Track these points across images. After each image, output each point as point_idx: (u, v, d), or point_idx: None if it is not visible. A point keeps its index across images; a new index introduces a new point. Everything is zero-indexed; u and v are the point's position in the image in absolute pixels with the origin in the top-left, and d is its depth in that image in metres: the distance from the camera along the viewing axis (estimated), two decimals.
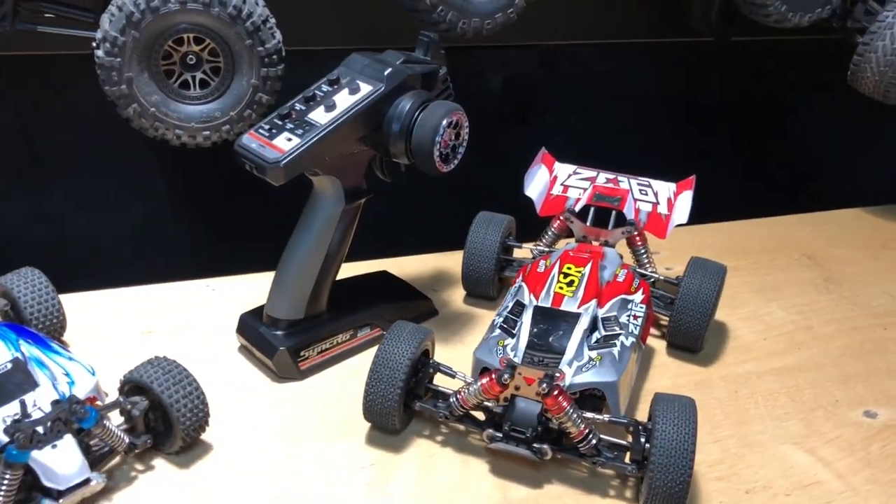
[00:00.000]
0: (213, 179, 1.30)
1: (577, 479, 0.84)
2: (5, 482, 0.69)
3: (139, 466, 0.82)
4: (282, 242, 0.98)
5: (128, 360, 0.84)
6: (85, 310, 1.04)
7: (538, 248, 1.10)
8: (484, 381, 0.82)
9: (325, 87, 0.91)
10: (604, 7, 1.56)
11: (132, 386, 0.81)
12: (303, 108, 0.89)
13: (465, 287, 1.12)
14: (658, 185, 1.12)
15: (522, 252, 1.14)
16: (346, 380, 0.96)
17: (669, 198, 1.10)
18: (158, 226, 1.34)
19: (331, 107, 0.88)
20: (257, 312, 0.98)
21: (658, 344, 1.05)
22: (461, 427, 0.89)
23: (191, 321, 1.05)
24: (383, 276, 1.13)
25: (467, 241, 1.10)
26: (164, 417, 0.81)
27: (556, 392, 0.78)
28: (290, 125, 0.87)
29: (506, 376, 0.80)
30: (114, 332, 1.02)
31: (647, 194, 1.10)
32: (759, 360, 1.04)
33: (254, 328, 0.97)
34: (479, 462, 0.85)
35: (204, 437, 0.84)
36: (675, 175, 1.12)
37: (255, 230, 1.26)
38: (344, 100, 0.88)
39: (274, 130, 0.87)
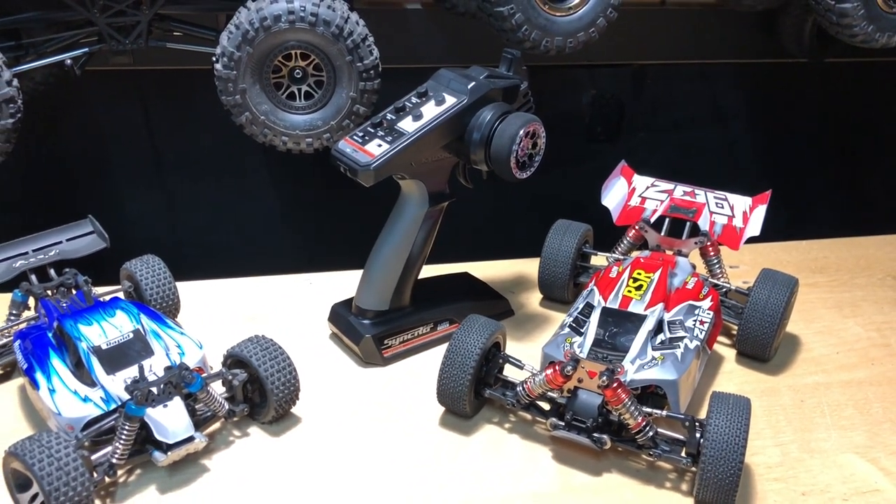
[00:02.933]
0: (316, 184, 1.42)
1: (636, 470, 0.88)
2: (125, 432, 0.80)
3: (236, 432, 0.92)
4: (370, 244, 1.07)
5: (231, 340, 0.94)
6: (197, 296, 1.16)
7: (613, 256, 1.15)
8: (549, 371, 0.88)
9: (414, 99, 0.99)
10: (697, 28, 1.59)
11: (234, 360, 0.91)
12: (393, 117, 0.98)
13: (541, 290, 1.18)
14: (734, 198, 1.15)
15: (598, 259, 1.19)
16: (424, 368, 1.03)
17: (745, 211, 1.13)
18: (265, 225, 1.46)
19: (418, 117, 0.96)
20: (347, 303, 1.07)
21: (728, 352, 1.08)
22: (528, 417, 0.95)
23: (289, 310, 1.16)
24: (464, 276, 1.20)
25: (544, 245, 1.16)
26: (260, 389, 0.91)
27: (615, 384, 0.84)
28: (380, 133, 0.96)
29: (568, 368, 0.86)
30: (221, 316, 1.13)
31: (722, 207, 1.13)
32: (828, 372, 1.05)
33: (343, 317, 1.06)
34: (543, 449, 0.91)
35: (294, 410, 0.94)
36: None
37: (351, 230, 1.36)
38: (430, 110, 0.97)
39: (366, 137, 0.96)
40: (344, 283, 1.18)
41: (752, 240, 1.10)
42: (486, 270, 1.24)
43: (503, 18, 1.09)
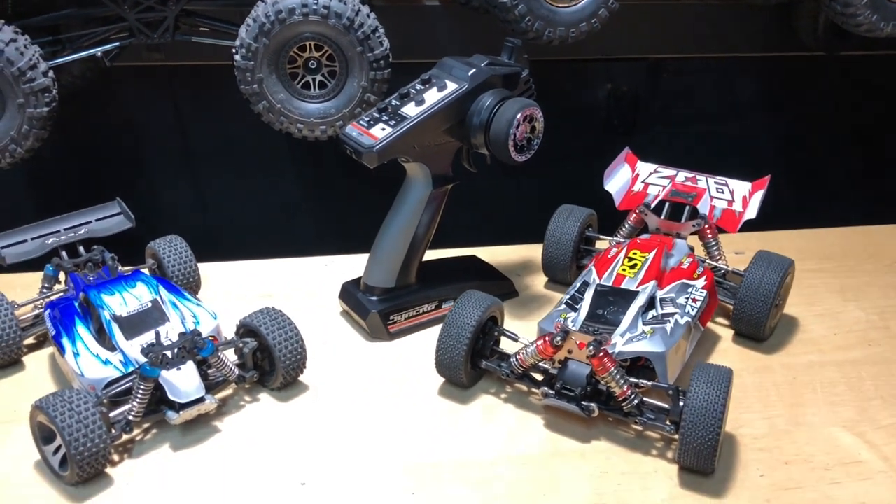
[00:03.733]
0: (333, 170, 1.48)
1: (624, 438, 0.92)
2: (140, 391, 0.87)
3: (247, 398, 0.98)
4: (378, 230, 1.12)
5: (246, 314, 1.00)
6: (217, 276, 1.22)
7: (615, 239, 1.19)
8: (539, 342, 0.92)
9: (418, 86, 1.05)
10: (711, 22, 1.62)
11: (245, 329, 0.97)
12: (398, 103, 1.03)
13: (545, 272, 1.22)
14: (735, 184, 1.17)
15: (601, 243, 1.22)
16: (429, 344, 1.07)
17: (745, 196, 1.15)
18: (284, 209, 1.52)
19: (420, 102, 1.01)
20: (356, 282, 1.13)
21: (726, 332, 1.11)
22: (523, 388, 0.99)
23: (305, 290, 1.21)
24: (471, 259, 1.25)
25: (548, 229, 1.20)
26: (269, 357, 0.96)
27: (601, 354, 0.88)
28: (385, 117, 1.02)
29: (558, 338, 0.90)
30: (239, 294, 1.20)
31: (723, 192, 1.16)
32: (824, 352, 1.07)
33: (352, 294, 1.11)
34: (535, 417, 0.95)
35: (302, 379, 0.99)
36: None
37: (367, 214, 1.41)
38: (432, 96, 1.02)
39: (372, 122, 1.02)
40: (359, 265, 1.24)
41: (760, 227, 1.12)
42: (493, 254, 1.29)
43: (507, 9, 1.14)
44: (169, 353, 0.88)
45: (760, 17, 1.64)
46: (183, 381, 0.88)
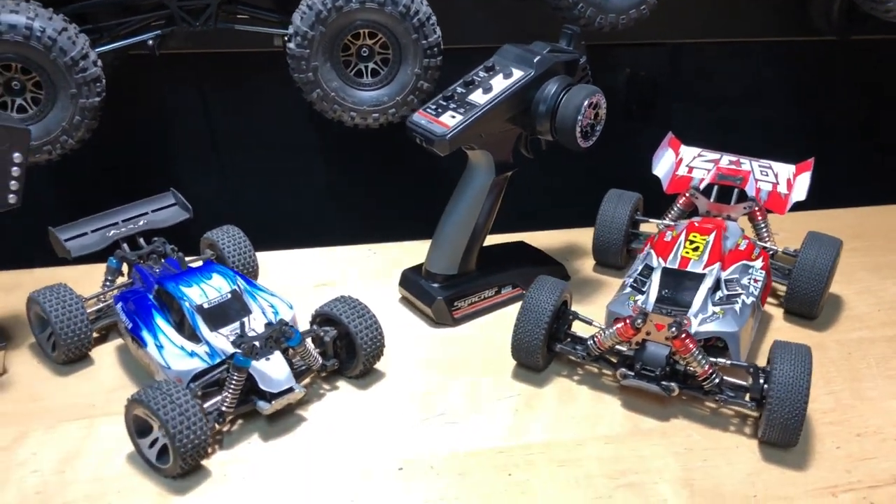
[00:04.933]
0: (375, 160, 1.48)
1: (700, 416, 0.95)
2: (234, 381, 0.87)
3: (326, 386, 0.98)
4: (428, 216, 1.13)
5: (305, 303, 1.01)
6: (268, 264, 1.22)
7: (664, 222, 1.21)
8: (619, 325, 0.94)
9: (481, 73, 1.05)
10: (728, 7, 1.65)
11: (323, 318, 0.98)
12: (463, 91, 1.04)
13: (595, 256, 1.24)
14: (778, 166, 1.21)
15: (649, 226, 1.25)
16: (492, 328, 1.10)
17: (789, 178, 1.19)
18: (328, 199, 1.52)
19: (488, 89, 1.02)
20: (417, 269, 1.14)
21: (776, 311, 1.15)
22: (594, 369, 1.01)
23: (356, 276, 1.22)
24: (521, 245, 1.26)
25: (599, 213, 1.22)
26: (348, 346, 0.97)
27: (683, 335, 0.90)
28: (453, 105, 1.02)
29: (639, 321, 0.92)
30: (293, 282, 1.20)
31: (767, 175, 1.20)
32: (872, 328, 1.12)
33: (415, 281, 1.12)
34: (611, 398, 0.97)
35: (377, 366, 1.00)
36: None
37: (407, 205, 1.42)
38: (499, 83, 1.03)
39: (440, 110, 1.02)
40: (404, 252, 1.26)
41: (792, 207, 1.16)
42: (538, 239, 1.30)
43: None
44: (257, 344, 0.88)
45: (776, 2, 1.67)
46: (275, 370, 0.88)
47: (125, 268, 1.07)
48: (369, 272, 1.24)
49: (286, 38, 1.14)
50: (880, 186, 1.61)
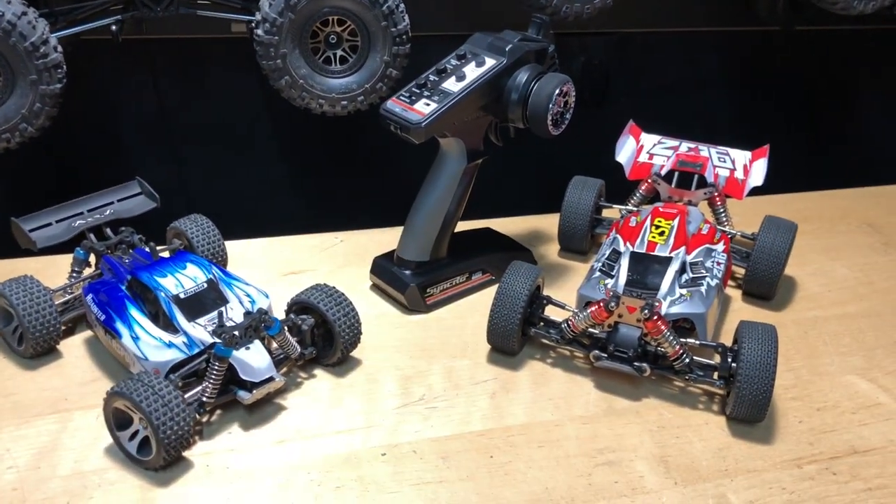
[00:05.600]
0: (336, 148, 1.47)
1: (670, 395, 0.98)
2: (214, 372, 0.86)
3: (303, 374, 0.99)
4: (393, 203, 1.13)
5: (277, 293, 1.01)
6: (235, 254, 1.21)
7: (626, 208, 1.24)
8: (593, 308, 0.97)
9: (453, 62, 1.06)
10: None
11: (299, 306, 0.98)
12: (436, 79, 1.04)
13: (561, 242, 1.27)
14: (735, 153, 1.25)
15: (611, 212, 1.28)
16: (465, 314, 1.11)
17: (745, 164, 1.23)
18: (290, 188, 1.51)
19: (461, 77, 1.03)
20: (388, 256, 1.14)
21: (734, 293, 1.19)
22: (567, 352, 1.04)
23: (325, 264, 1.22)
24: (489, 231, 1.28)
25: (564, 200, 1.24)
26: (325, 334, 0.97)
27: (655, 317, 0.93)
28: (426, 93, 1.03)
29: (612, 304, 0.95)
30: (262, 271, 1.19)
31: (725, 161, 1.24)
32: (824, 307, 1.17)
33: (387, 269, 1.13)
34: (585, 379, 1.00)
35: (353, 353, 1.01)
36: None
37: (371, 193, 1.43)
38: (472, 71, 1.04)
39: (413, 97, 1.03)
40: (369, 239, 1.27)
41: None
42: (503, 226, 1.32)
43: None
44: (237, 333, 0.88)
45: None
46: (256, 360, 0.88)
47: (92, 258, 1.04)
48: (338, 260, 1.24)
49: (253, 25, 1.12)
50: (823, 173, 1.68)
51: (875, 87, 1.88)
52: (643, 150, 1.27)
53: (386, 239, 1.24)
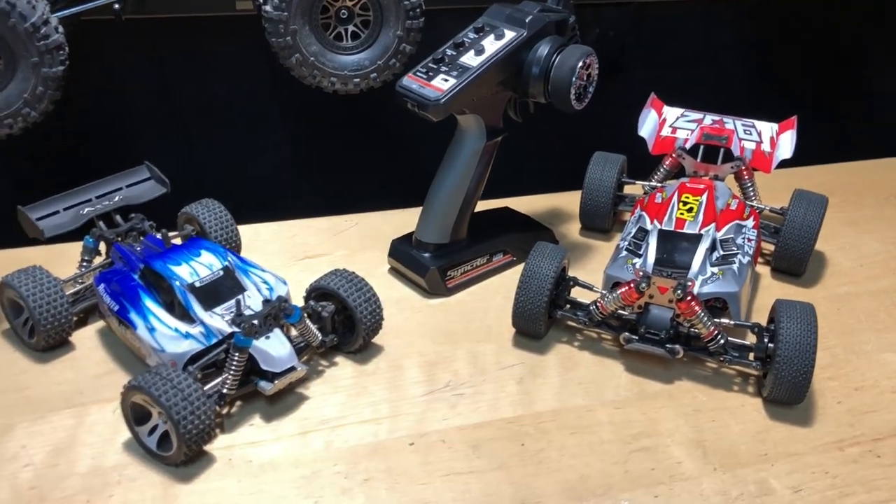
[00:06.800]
0: (348, 130, 1.43)
1: (703, 377, 0.95)
2: (235, 362, 0.83)
3: (324, 362, 0.95)
4: (404, 184, 1.09)
5: (293, 277, 0.97)
6: (246, 239, 1.17)
7: (650, 184, 1.21)
8: (623, 289, 0.93)
9: (471, 35, 1.02)
10: None
11: (319, 293, 0.94)
12: (453, 53, 1.00)
13: (582, 220, 1.23)
14: (761, 125, 1.21)
15: (634, 188, 1.24)
16: (487, 296, 1.08)
17: (772, 136, 1.19)
18: (299, 169, 1.47)
19: (480, 51, 0.99)
20: (406, 239, 1.11)
21: (763, 269, 1.16)
22: (594, 334, 1.01)
23: (339, 248, 1.18)
24: (507, 210, 1.24)
25: (586, 177, 1.21)
26: (345, 320, 0.94)
27: (688, 297, 0.90)
28: (444, 68, 0.99)
29: (643, 284, 0.91)
30: (275, 256, 1.15)
31: (750, 134, 1.20)
32: (856, 283, 1.13)
33: (405, 252, 1.09)
34: (614, 362, 0.97)
35: (375, 339, 0.98)
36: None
37: (381, 174, 1.39)
38: (491, 44, 1.00)
39: (430, 73, 0.99)
40: (382, 221, 1.23)
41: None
42: (520, 204, 1.28)
43: None
44: (256, 322, 0.85)
45: None
46: (277, 349, 0.85)
47: (102, 247, 1.01)
48: (352, 243, 1.20)
49: (261, 1, 1.08)
50: (847, 144, 1.64)
51: None
52: (666, 123, 1.23)
53: (400, 220, 1.21)
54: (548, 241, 1.18)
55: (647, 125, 1.23)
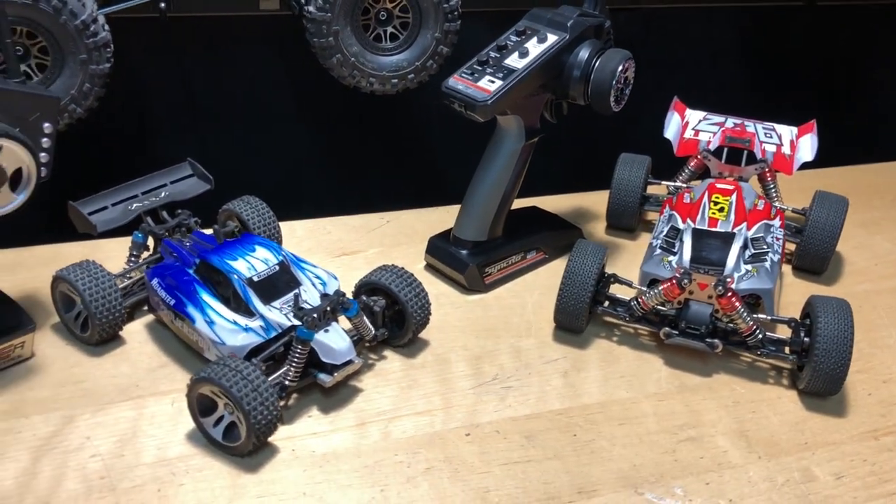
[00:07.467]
0: (382, 129, 1.45)
1: (739, 370, 0.99)
2: (297, 355, 0.85)
3: (373, 356, 0.98)
4: (432, 185, 1.11)
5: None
6: (283, 236, 1.19)
7: (675, 184, 1.24)
8: (665, 285, 0.96)
9: (513, 38, 1.05)
10: None
11: (369, 288, 0.96)
12: (497, 55, 1.03)
13: (609, 219, 1.26)
14: (781, 128, 1.25)
15: (659, 189, 1.28)
16: (523, 293, 1.11)
17: (792, 140, 1.23)
18: (328, 168, 1.49)
19: (524, 53, 1.02)
20: (443, 236, 1.13)
21: (784, 268, 1.20)
22: (631, 329, 1.04)
23: (375, 245, 1.20)
24: (536, 210, 1.27)
25: (614, 177, 1.24)
26: (394, 315, 0.96)
27: (729, 293, 0.93)
28: (489, 70, 1.01)
29: (685, 280, 0.95)
30: (313, 252, 1.17)
31: (771, 137, 1.23)
32: (874, 281, 1.18)
33: (443, 249, 1.12)
34: (653, 356, 1.00)
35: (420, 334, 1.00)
36: None
37: (411, 173, 1.41)
38: (534, 47, 1.02)
39: (476, 74, 1.02)
40: (415, 219, 1.26)
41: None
42: (545, 204, 1.31)
43: None
44: (315, 315, 0.87)
45: None
46: (337, 342, 0.87)
47: (149, 242, 1.02)
48: (386, 240, 1.22)
49: (304, 1, 1.10)
50: (851, 148, 1.69)
51: None
52: (688, 126, 1.27)
53: (435, 218, 1.24)
54: (576, 238, 1.21)
55: (671, 127, 1.26)
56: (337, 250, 1.19)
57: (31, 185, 0.80)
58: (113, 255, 1.06)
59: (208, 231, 1.04)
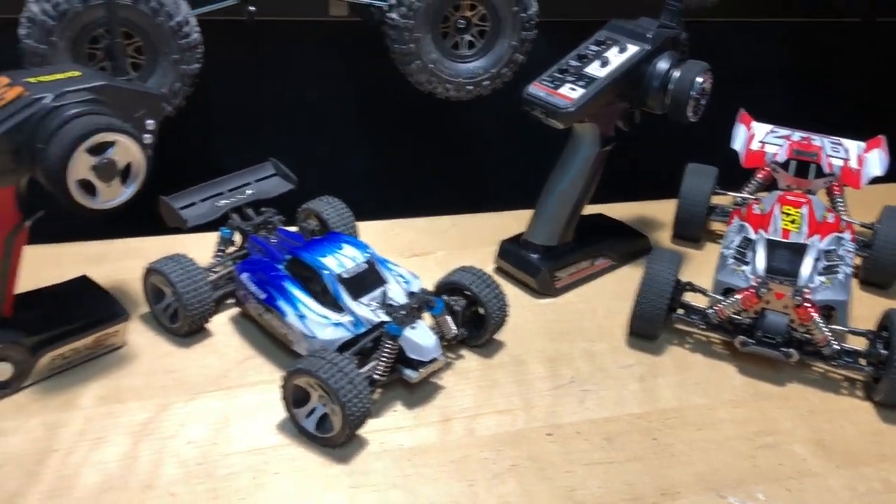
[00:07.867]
0: (444, 136, 1.48)
1: (812, 380, 1.00)
2: (387, 350, 0.87)
3: (451, 355, 1.00)
4: (491, 192, 1.13)
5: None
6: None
7: (742, 195, 1.26)
8: (743, 294, 0.98)
9: (593, 47, 1.07)
10: None
11: (448, 288, 0.98)
12: (577, 64, 1.05)
13: (676, 229, 1.28)
14: (848, 143, 1.26)
15: (724, 199, 1.29)
16: (592, 298, 1.13)
17: (859, 154, 1.24)
18: (397, 172, 1.52)
19: (605, 63, 1.04)
20: (514, 240, 1.15)
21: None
22: (703, 337, 1.05)
23: (445, 247, 1.23)
24: (603, 217, 1.29)
25: (682, 187, 1.25)
26: (472, 315, 0.98)
27: (807, 304, 0.94)
28: (570, 78, 1.04)
29: (763, 290, 0.96)
30: (385, 253, 1.19)
31: (838, 151, 1.25)
32: None
33: (514, 253, 1.14)
34: (726, 364, 1.01)
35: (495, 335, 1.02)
36: None
37: (478, 180, 1.43)
38: (615, 57, 1.04)
39: (556, 82, 1.04)
40: (483, 223, 1.28)
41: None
42: (610, 212, 1.33)
43: None
44: (405, 312, 0.89)
45: None
46: (424, 339, 0.89)
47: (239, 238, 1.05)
48: (453, 242, 1.25)
49: (386, 8, 1.13)
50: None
51: None
52: (755, 138, 1.28)
53: (495, 222, 1.26)
54: (645, 247, 1.24)
55: (738, 139, 1.28)
56: (407, 251, 1.21)
57: (139, 179, 0.83)
58: (193, 249, 1.09)
59: (292, 228, 1.06)
